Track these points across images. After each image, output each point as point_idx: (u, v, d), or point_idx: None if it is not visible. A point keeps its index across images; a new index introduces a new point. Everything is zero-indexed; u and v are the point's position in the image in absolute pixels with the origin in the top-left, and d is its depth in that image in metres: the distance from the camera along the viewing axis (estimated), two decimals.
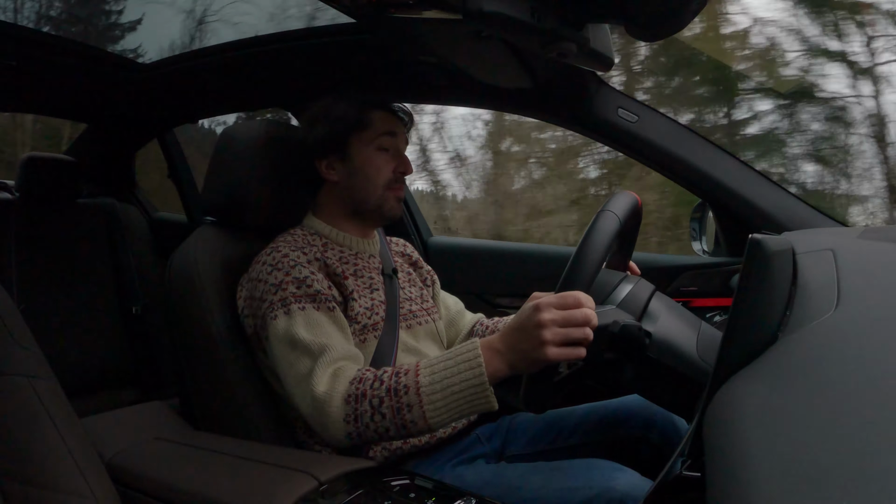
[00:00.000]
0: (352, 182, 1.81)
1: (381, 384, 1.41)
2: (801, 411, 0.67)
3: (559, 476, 1.52)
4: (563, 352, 1.30)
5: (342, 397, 1.43)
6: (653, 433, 1.75)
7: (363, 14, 1.60)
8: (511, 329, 1.37)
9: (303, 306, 1.59)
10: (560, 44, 1.42)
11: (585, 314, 1.29)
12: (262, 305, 1.62)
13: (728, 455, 0.67)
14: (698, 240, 2.33)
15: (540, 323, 1.30)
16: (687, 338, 1.46)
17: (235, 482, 1.32)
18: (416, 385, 1.38)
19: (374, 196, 1.80)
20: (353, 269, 1.77)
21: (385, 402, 1.39)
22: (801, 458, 0.58)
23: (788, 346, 0.85)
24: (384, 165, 1.80)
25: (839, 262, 1.13)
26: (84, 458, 1.20)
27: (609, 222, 1.41)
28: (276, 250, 1.68)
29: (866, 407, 0.63)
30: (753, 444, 0.65)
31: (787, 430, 0.65)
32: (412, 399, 1.38)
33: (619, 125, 2.14)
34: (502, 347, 1.38)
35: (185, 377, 1.77)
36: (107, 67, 2.70)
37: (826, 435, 0.61)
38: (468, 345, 1.40)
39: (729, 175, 2.13)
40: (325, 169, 1.82)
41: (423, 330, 1.87)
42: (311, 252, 1.70)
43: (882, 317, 0.86)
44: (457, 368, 1.38)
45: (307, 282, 1.61)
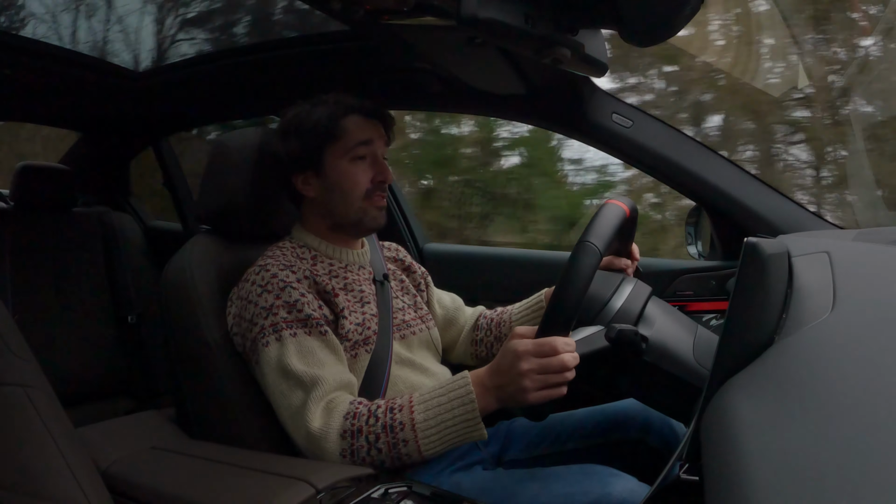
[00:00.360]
0: (329, 197, 1.76)
1: (377, 420, 1.43)
2: (798, 414, 0.67)
3: (556, 482, 1.51)
4: (543, 395, 1.35)
5: (337, 433, 1.44)
6: (651, 437, 1.75)
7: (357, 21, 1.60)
8: (496, 370, 1.41)
9: (294, 332, 1.57)
10: (554, 50, 1.42)
11: (562, 361, 1.33)
12: (252, 329, 1.60)
13: (725, 459, 0.67)
14: (694, 244, 2.33)
15: (520, 372, 1.34)
16: (683, 342, 1.46)
17: (232, 491, 1.32)
18: (411, 422, 1.41)
19: (352, 210, 1.76)
20: (342, 283, 1.75)
21: (381, 439, 1.42)
22: (799, 461, 0.58)
23: (785, 350, 0.85)
24: (361, 176, 1.75)
25: (834, 264, 1.13)
26: (80, 468, 1.19)
27: (589, 256, 1.37)
28: (265, 269, 1.65)
29: (863, 409, 0.63)
30: (751, 447, 0.65)
31: (784, 433, 0.65)
32: (408, 435, 1.41)
33: (614, 130, 2.15)
34: (490, 385, 1.41)
35: (181, 386, 1.76)
36: (101, 76, 2.70)
37: (823, 438, 0.61)
38: (460, 381, 1.43)
39: (724, 179, 2.13)
40: (301, 185, 1.77)
41: (418, 339, 1.85)
42: (301, 269, 1.67)
43: (878, 318, 0.86)
44: (450, 405, 1.41)
45: (298, 305, 1.59)
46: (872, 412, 0.62)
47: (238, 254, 1.81)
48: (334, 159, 1.74)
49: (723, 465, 0.67)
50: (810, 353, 0.82)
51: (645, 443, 1.75)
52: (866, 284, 1.06)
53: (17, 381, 1.20)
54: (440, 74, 2.14)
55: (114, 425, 1.73)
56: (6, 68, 2.47)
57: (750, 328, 0.90)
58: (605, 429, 1.80)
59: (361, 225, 1.78)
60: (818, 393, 0.70)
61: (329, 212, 1.78)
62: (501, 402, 1.40)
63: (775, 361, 0.83)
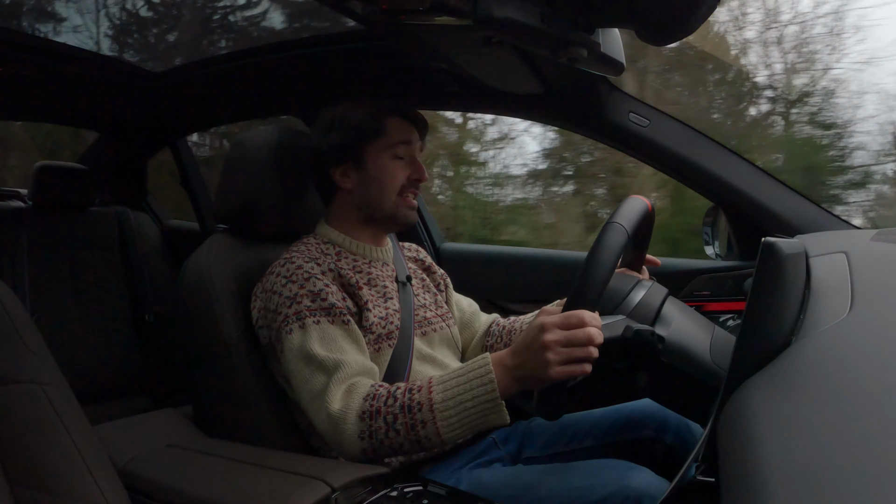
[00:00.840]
0: (366, 190, 1.80)
1: (395, 401, 1.42)
2: (816, 416, 0.67)
3: (575, 475, 1.51)
4: (566, 370, 1.31)
5: (356, 414, 1.44)
6: (667, 435, 1.74)
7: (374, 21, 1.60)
8: (519, 347, 1.38)
9: (317, 320, 1.58)
10: (570, 49, 1.42)
11: (588, 333, 1.30)
12: (276, 318, 1.62)
13: (742, 460, 0.67)
14: (711, 244, 2.32)
15: (544, 344, 1.31)
16: (700, 342, 1.45)
17: (248, 489, 1.32)
18: (429, 402, 1.40)
19: (388, 203, 1.80)
20: (366, 278, 1.77)
21: (399, 419, 1.40)
22: (816, 463, 0.58)
23: (802, 350, 0.84)
24: (399, 173, 1.79)
25: (852, 264, 1.13)
26: (97, 466, 1.20)
27: (616, 235, 1.38)
28: (290, 261, 1.67)
29: (880, 411, 0.63)
30: (767, 448, 0.65)
31: (801, 434, 0.65)
32: (426, 416, 1.39)
33: (631, 130, 2.14)
34: (511, 364, 1.39)
35: (198, 384, 1.77)
36: (119, 76, 2.71)
37: (840, 440, 0.60)
38: (479, 360, 1.41)
39: (741, 178, 2.12)
40: (339, 177, 1.80)
41: (438, 336, 1.87)
42: (325, 263, 1.69)
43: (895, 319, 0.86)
44: (469, 385, 1.39)
45: (322, 295, 1.61)
46: (890, 413, 0.61)
47: (255, 253, 1.81)
48: (375, 154, 1.78)
49: (739, 467, 0.67)
50: (828, 355, 0.81)
51: (661, 442, 1.74)
52: (884, 285, 1.05)
53: (34, 378, 1.21)
54: (457, 74, 2.14)
55: (131, 423, 1.74)
56: (24, 69, 2.49)
57: (767, 329, 0.90)
58: (622, 428, 1.79)
59: (394, 219, 1.82)
60: (835, 394, 0.70)
61: (364, 204, 1.81)
62: (522, 381, 1.38)
63: (793, 363, 0.83)
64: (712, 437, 0.87)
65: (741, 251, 2.26)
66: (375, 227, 1.86)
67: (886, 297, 0.97)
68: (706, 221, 2.32)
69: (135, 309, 3.46)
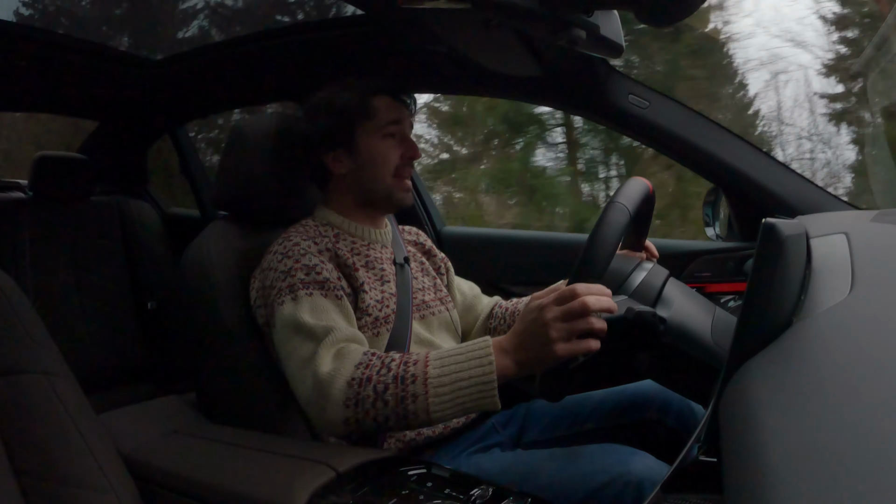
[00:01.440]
0: (360, 173, 1.79)
1: (389, 371, 1.39)
2: (817, 395, 0.67)
3: (575, 461, 1.51)
4: (572, 347, 1.31)
5: (346, 380, 1.40)
6: (669, 417, 1.75)
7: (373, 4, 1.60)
8: (518, 332, 1.38)
9: (310, 292, 1.57)
10: (569, 31, 1.42)
11: (583, 303, 1.29)
12: (271, 293, 1.61)
13: (744, 440, 0.67)
14: (712, 225, 2.32)
15: (544, 322, 1.31)
16: (701, 323, 1.46)
17: (253, 474, 1.32)
18: (424, 375, 1.36)
19: (383, 185, 1.79)
20: (364, 260, 1.76)
21: (390, 389, 1.37)
22: (817, 443, 0.58)
23: (803, 331, 0.85)
24: (391, 153, 1.78)
25: (853, 245, 1.13)
26: (102, 454, 1.21)
27: (619, 213, 1.39)
28: (287, 239, 1.68)
29: (882, 390, 0.63)
30: (769, 428, 0.65)
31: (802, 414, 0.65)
32: (419, 389, 1.36)
33: (631, 111, 2.14)
34: (510, 349, 1.37)
35: (201, 371, 1.78)
36: (117, 65, 2.71)
37: (842, 419, 0.61)
38: (480, 342, 1.39)
39: (741, 159, 2.12)
40: (332, 162, 1.79)
41: (437, 320, 1.86)
42: (323, 242, 1.69)
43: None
44: (467, 364, 1.36)
45: (316, 269, 1.61)
46: (890, 394, 0.62)
47: (256, 239, 1.82)
48: (366, 136, 1.77)
49: (740, 447, 0.67)
50: (829, 335, 0.81)
51: (663, 424, 1.75)
52: (885, 265, 1.05)
53: (39, 369, 1.21)
54: (455, 57, 2.14)
55: (135, 411, 1.74)
56: (23, 59, 2.48)
57: (768, 310, 0.90)
58: (624, 410, 1.80)
59: (390, 200, 1.82)
60: (836, 374, 0.70)
61: (359, 187, 1.80)
62: (523, 364, 1.37)
63: (794, 343, 0.83)
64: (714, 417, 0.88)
65: (742, 232, 2.26)
66: (372, 210, 1.85)
67: (887, 278, 0.97)
68: (706, 202, 2.33)
69: (137, 297, 3.46)
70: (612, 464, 1.46)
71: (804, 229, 1.16)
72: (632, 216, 1.41)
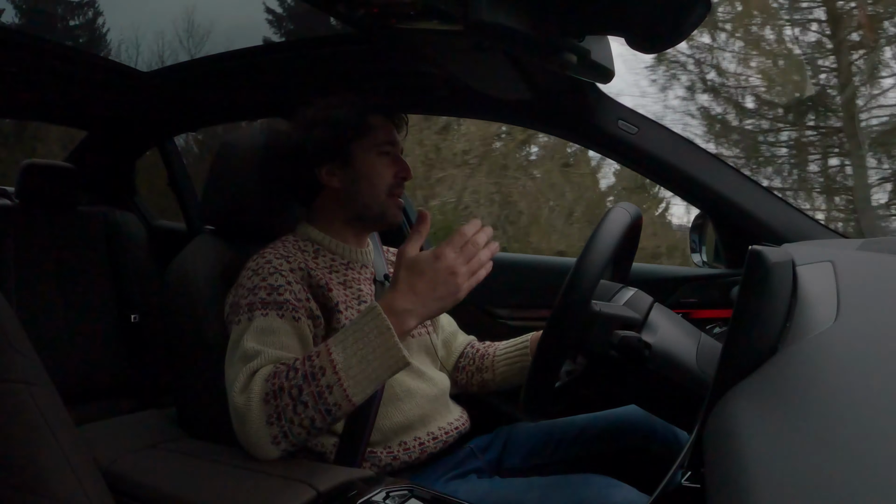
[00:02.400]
0: (355, 188, 1.77)
1: (297, 372, 1.36)
2: (801, 423, 0.67)
3: (554, 492, 1.50)
4: (473, 282, 1.41)
5: (260, 399, 1.37)
6: (654, 444, 1.74)
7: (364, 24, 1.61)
8: (417, 287, 1.40)
9: (265, 312, 1.54)
10: (560, 55, 1.42)
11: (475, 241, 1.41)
12: (235, 310, 1.60)
13: (728, 467, 0.67)
14: (698, 251, 2.33)
15: (451, 269, 1.38)
16: (687, 349, 1.46)
17: (233, 492, 1.31)
18: (331, 364, 1.34)
19: (377, 202, 1.77)
20: (342, 278, 1.74)
21: (304, 391, 1.34)
22: (801, 470, 0.59)
23: (788, 358, 0.85)
24: (386, 170, 1.77)
25: (839, 273, 1.13)
26: (81, 467, 1.19)
27: (620, 216, 1.43)
28: (261, 256, 1.66)
29: (866, 419, 0.63)
30: (753, 455, 0.65)
31: (786, 442, 0.65)
32: (331, 379, 1.34)
33: (620, 137, 2.14)
34: (409, 305, 1.39)
35: (182, 385, 1.77)
36: (107, 75, 2.71)
37: (826, 447, 0.61)
38: (369, 311, 1.38)
39: (729, 186, 2.13)
40: (325, 175, 1.77)
41: (416, 343, 1.84)
42: (296, 261, 1.66)
43: (882, 328, 0.86)
44: (366, 338, 1.36)
45: (279, 290, 1.58)
46: (876, 422, 0.62)
47: (241, 254, 1.81)
48: (362, 152, 1.76)
49: (724, 473, 0.67)
50: (814, 363, 0.82)
51: (648, 451, 1.74)
52: (870, 294, 1.06)
53: (19, 378, 1.20)
54: (446, 78, 2.15)
55: (116, 424, 1.73)
56: (13, 66, 2.48)
57: (753, 336, 0.90)
58: (608, 436, 1.79)
59: (382, 218, 1.80)
60: (821, 402, 0.70)
61: (353, 203, 1.78)
62: (424, 316, 1.41)
63: (779, 370, 0.83)
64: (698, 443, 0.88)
65: (728, 259, 2.27)
66: (360, 227, 1.83)
67: (872, 307, 0.98)
68: (693, 228, 2.34)
69: (121, 309, 3.44)
70: (591, 496, 1.45)
71: (790, 257, 1.16)
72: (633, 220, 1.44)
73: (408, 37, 1.56)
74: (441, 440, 1.73)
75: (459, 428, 1.81)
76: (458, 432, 1.80)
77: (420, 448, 1.68)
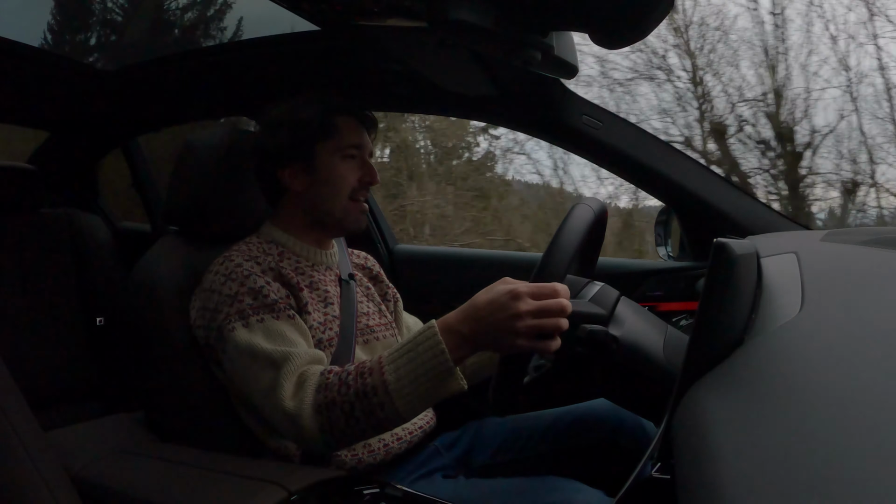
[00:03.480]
0: (316, 192, 1.76)
1: (349, 389, 1.36)
2: (768, 413, 0.68)
3: (518, 497, 1.51)
4: (535, 345, 1.28)
5: (312, 408, 1.38)
6: (622, 437, 1.75)
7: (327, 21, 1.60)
8: (479, 313, 1.31)
9: (261, 318, 1.55)
10: (524, 52, 1.43)
11: (562, 304, 1.27)
12: (217, 317, 1.58)
13: (696, 457, 0.68)
14: (663, 244, 2.35)
15: (517, 313, 1.26)
16: (654, 342, 1.47)
17: (203, 494, 1.31)
18: (383, 384, 1.33)
19: (338, 207, 1.76)
20: (308, 280, 1.73)
21: (357, 407, 1.35)
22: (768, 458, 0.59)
23: (754, 349, 0.86)
24: (350, 174, 1.75)
25: (803, 264, 1.15)
26: (50, 473, 1.18)
27: (584, 212, 1.43)
28: (228, 259, 1.64)
29: (831, 407, 0.64)
30: (721, 445, 0.66)
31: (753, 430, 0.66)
32: (383, 398, 1.33)
33: (584, 132, 2.15)
34: (467, 332, 1.32)
35: (150, 389, 1.75)
36: (70, 75, 2.67)
37: (792, 435, 0.61)
38: (427, 331, 1.34)
39: (693, 180, 2.15)
40: (288, 178, 1.75)
41: (381, 346, 1.81)
42: (266, 262, 1.66)
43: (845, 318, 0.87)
44: (420, 359, 1.32)
45: (263, 292, 1.57)
46: (840, 410, 0.63)
47: (206, 255, 1.80)
48: (326, 155, 1.74)
49: (693, 463, 0.68)
50: (779, 353, 0.83)
51: (617, 445, 1.75)
52: (834, 285, 1.07)
53: None
54: (410, 76, 2.14)
55: (83, 429, 1.71)
56: None
57: (719, 328, 0.91)
58: (577, 430, 1.80)
59: (344, 223, 1.79)
60: (787, 391, 0.71)
61: (314, 207, 1.77)
62: (478, 348, 1.34)
63: (745, 361, 0.84)
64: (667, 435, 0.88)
65: (693, 252, 2.29)
66: (322, 231, 1.82)
67: (836, 297, 0.99)
68: (658, 222, 2.35)
69: (86, 313, 3.40)
70: (555, 500, 1.46)
71: (755, 249, 1.18)
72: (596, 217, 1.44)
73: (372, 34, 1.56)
74: (405, 440, 1.73)
75: (424, 427, 1.80)
76: (423, 431, 1.80)
77: (385, 450, 1.68)
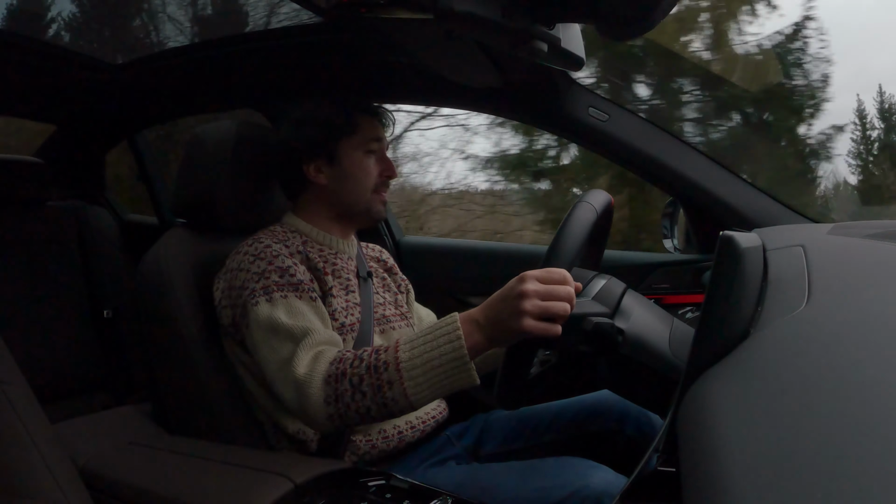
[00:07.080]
0: (341, 186, 1.81)
1: (361, 362, 1.39)
2: (773, 406, 0.68)
3: (533, 476, 1.51)
4: (539, 326, 1.30)
5: (322, 378, 1.41)
6: (628, 427, 1.76)
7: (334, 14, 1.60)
8: (492, 301, 1.37)
9: (285, 294, 1.58)
10: (530, 43, 1.42)
11: (569, 291, 1.31)
12: (242, 293, 1.61)
13: (702, 450, 0.68)
14: (670, 237, 2.34)
15: (522, 293, 1.30)
16: (659, 334, 1.47)
17: (210, 486, 1.31)
18: (395, 361, 1.36)
19: (362, 200, 1.82)
20: (332, 267, 1.77)
21: (365, 380, 1.37)
22: (773, 451, 0.59)
23: (760, 342, 0.86)
24: (372, 169, 1.82)
25: (809, 257, 1.14)
26: (57, 465, 1.19)
27: (586, 212, 1.43)
28: (258, 241, 1.68)
29: (837, 400, 0.64)
30: (727, 438, 0.66)
31: (759, 424, 0.66)
32: (392, 375, 1.35)
33: (591, 124, 2.15)
34: (482, 320, 1.36)
35: (158, 381, 1.76)
36: (77, 68, 2.67)
37: (797, 428, 0.61)
38: (447, 318, 1.38)
39: (699, 172, 2.14)
40: (312, 172, 1.81)
41: (398, 334, 1.85)
42: (293, 245, 1.70)
43: (851, 311, 0.87)
44: (436, 342, 1.35)
45: (290, 271, 1.61)
46: (845, 403, 0.62)
47: (213, 247, 1.80)
48: (350, 151, 1.80)
49: (698, 455, 0.68)
50: (785, 346, 0.82)
51: (622, 433, 1.76)
52: (840, 278, 1.07)
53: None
54: (416, 68, 2.14)
55: (91, 421, 1.72)
56: None
57: (725, 321, 0.91)
58: (582, 420, 1.81)
59: (367, 215, 1.85)
60: (793, 384, 0.71)
61: (338, 200, 1.83)
62: (491, 338, 1.36)
63: (750, 354, 0.84)
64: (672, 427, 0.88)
65: (700, 245, 2.29)
66: (347, 222, 1.87)
67: (842, 290, 0.99)
68: (665, 215, 2.35)
69: (94, 305, 3.40)
70: (570, 478, 1.46)
71: (761, 242, 1.17)
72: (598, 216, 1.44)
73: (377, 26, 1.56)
74: (419, 429, 1.75)
75: (437, 417, 1.83)
76: (436, 421, 1.82)
77: (399, 437, 1.70)
